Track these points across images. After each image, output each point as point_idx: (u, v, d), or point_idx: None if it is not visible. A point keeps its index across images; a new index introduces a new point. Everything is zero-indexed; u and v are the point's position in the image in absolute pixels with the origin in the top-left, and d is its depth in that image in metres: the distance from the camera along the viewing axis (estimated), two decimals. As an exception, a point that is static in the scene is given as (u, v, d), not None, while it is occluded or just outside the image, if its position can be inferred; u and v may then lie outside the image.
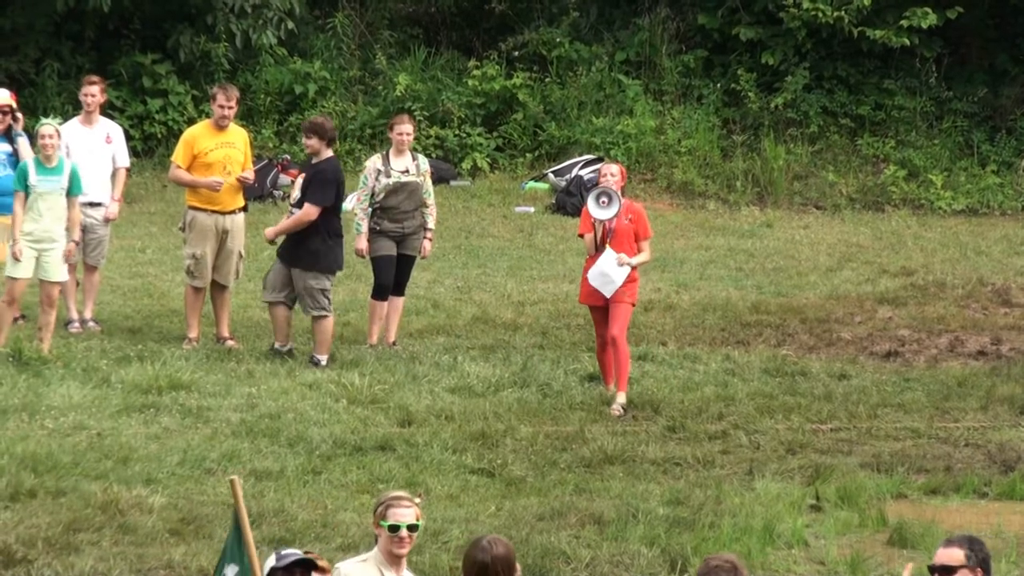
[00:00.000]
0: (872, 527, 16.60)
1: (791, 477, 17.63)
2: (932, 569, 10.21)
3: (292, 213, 20.18)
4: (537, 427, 18.54)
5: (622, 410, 18.71)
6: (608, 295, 19.06)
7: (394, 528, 10.81)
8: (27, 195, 19.64)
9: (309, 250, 20.04)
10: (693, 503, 16.76)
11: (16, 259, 19.69)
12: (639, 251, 18.99)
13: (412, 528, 10.86)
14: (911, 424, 19.28)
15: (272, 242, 20.78)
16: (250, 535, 10.86)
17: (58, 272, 19.85)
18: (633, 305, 19.33)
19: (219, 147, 20.63)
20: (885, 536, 16.42)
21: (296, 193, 20.35)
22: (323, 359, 20.08)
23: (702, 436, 18.63)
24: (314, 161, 20.24)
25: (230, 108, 20.97)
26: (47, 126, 20.09)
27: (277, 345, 20.37)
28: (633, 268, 18.99)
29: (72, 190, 19.82)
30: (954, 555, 10.08)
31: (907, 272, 25.91)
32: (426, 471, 17.28)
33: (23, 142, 20.86)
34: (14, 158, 20.18)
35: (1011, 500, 17.50)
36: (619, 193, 18.84)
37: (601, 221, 18.87)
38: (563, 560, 15.44)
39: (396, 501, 10.89)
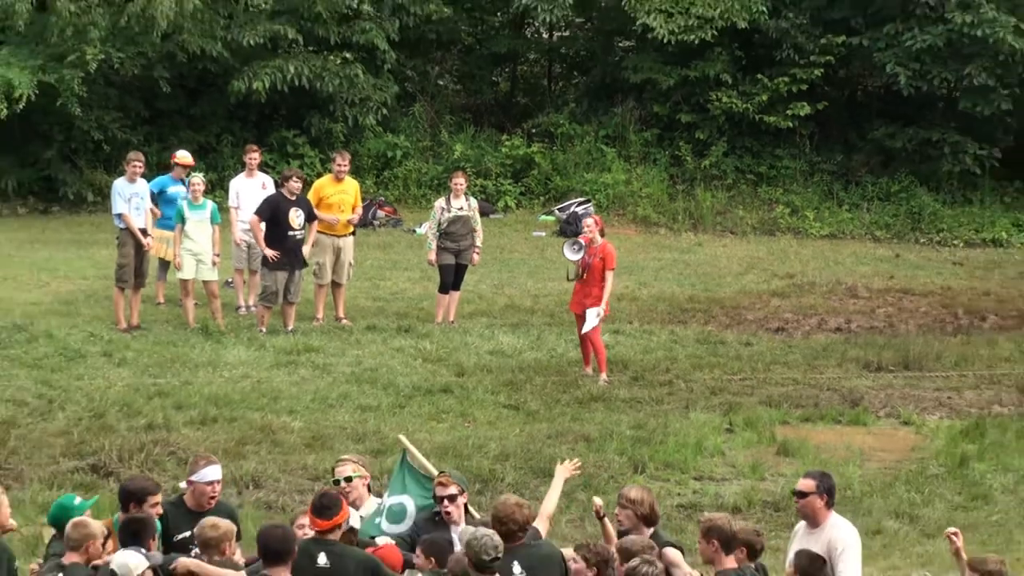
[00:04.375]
0: (766, 443, 16.64)
1: (713, 410, 17.67)
2: (793, 492, 10.16)
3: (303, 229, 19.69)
4: (547, 377, 18.58)
5: (606, 381, 18.44)
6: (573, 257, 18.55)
7: (335, 482, 10.32)
8: (183, 224, 19.72)
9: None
10: (649, 427, 16.81)
11: (178, 268, 19.81)
12: (604, 283, 18.33)
13: (348, 479, 10.27)
14: (792, 375, 19.29)
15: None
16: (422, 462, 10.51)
17: (211, 274, 19.83)
18: (602, 319, 18.62)
19: (336, 193, 20.63)
20: (775, 449, 16.47)
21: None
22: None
23: (655, 383, 18.67)
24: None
25: (345, 166, 21.02)
26: (196, 176, 20.33)
27: (292, 326, 19.93)
28: (604, 304, 18.40)
29: (212, 220, 19.89)
30: (808, 484, 9.92)
31: (790, 276, 25.95)
32: (473, 406, 17.35)
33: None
34: (188, 196, 20.17)
35: (856, 425, 17.56)
36: (586, 245, 18.58)
37: (571, 260, 18.75)
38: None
39: (340, 462, 10.49)
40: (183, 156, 21.64)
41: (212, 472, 10.06)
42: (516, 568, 8.96)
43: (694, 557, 10.32)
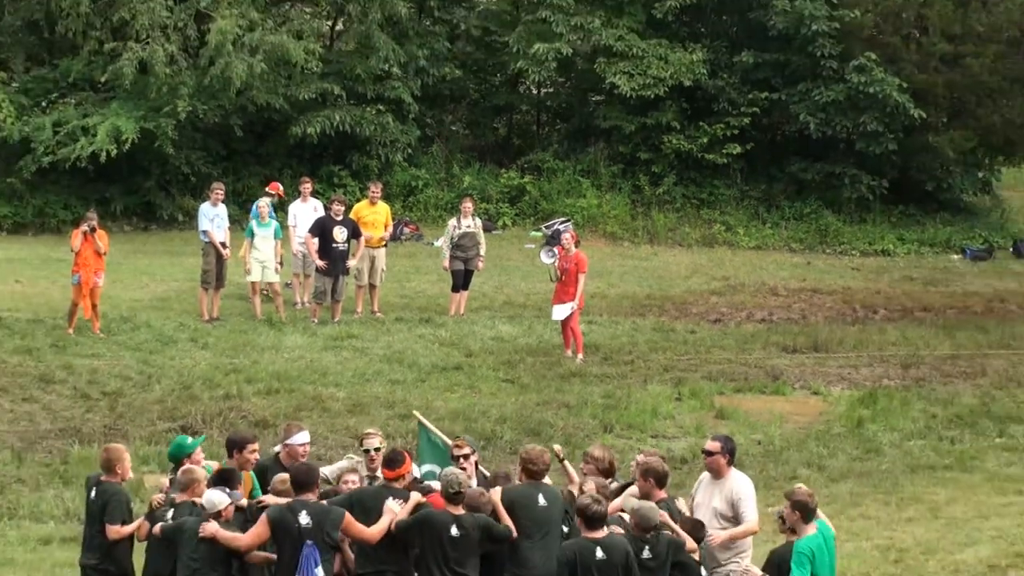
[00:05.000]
0: (707, 409, 16.68)
1: (666, 383, 17.69)
2: (703, 451, 10.09)
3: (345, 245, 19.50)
4: (536, 357, 18.59)
5: (582, 361, 18.45)
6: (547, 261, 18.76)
7: (366, 451, 9.92)
8: (252, 239, 19.74)
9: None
10: (616, 396, 16.84)
11: (248, 273, 19.80)
12: (578, 283, 18.28)
13: (376, 450, 9.81)
14: (727, 356, 19.32)
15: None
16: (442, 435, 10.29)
17: (274, 277, 19.88)
18: (579, 311, 18.69)
19: (371, 214, 20.62)
20: (714, 413, 16.52)
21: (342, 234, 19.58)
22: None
23: (620, 362, 18.68)
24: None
25: (378, 193, 21.04)
26: (263, 199, 20.43)
27: (339, 318, 19.79)
28: (578, 299, 18.35)
29: (275, 235, 19.89)
30: (714, 445, 9.83)
31: (725, 278, 25.94)
32: (479, 381, 17.36)
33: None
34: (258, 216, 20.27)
35: (777, 395, 17.62)
36: (556, 252, 18.69)
37: (546, 264, 18.83)
38: (549, 426, 15.53)
39: (367, 435, 10.15)
40: (280, 188, 21.94)
41: (302, 437, 10.09)
42: (540, 499, 9.01)
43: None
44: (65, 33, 27.55)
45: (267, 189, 22.11)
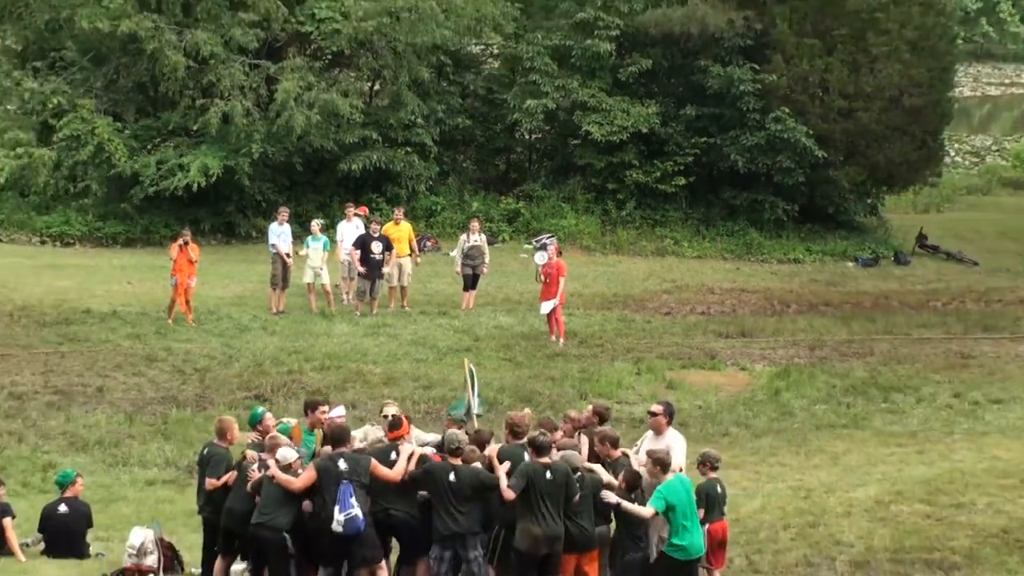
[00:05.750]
0: (660, 381, 16.65)
1: (628, 361, 17.66)
2: (648, 412, 10.06)
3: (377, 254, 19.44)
4: (528, 342, 18.55)
5: (564, 344, 18.34)
6: (540, 262, 18.50)
7: (385, 417, 9.63)
8: (307, 249, 19.59)
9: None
10: (590, 371, 16.81)
11: (305, 275, 19.67)
12: (559, 284, 18.18)
13: (393, 415, 9.42)
14: (676, 341, 19.28)
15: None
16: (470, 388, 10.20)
17: (326, 279, 19.70)
18: (561, 306, 18.63)
19: (396, 232, 20.54)
20: (665, 384, 16.46)
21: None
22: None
23: (593, 345, 18.65)
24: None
25: (400, 217, 21.01)
26: (315, 223, 20.26)
27: (376, 311, 19.63)
28: (560, 297, 18.25)
29: (324, 247, 19.79)
30: (658, 408, 9.77)
31: (673, 281, 25.81)
32: (484, 359, 17.29)
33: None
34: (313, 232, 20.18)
35: (713, 370, 17.56)
36: (547, 254, 18.69)
37: (537, 264, 18.76)
38: (538, 394, 15.49)
39: (385, 404, 10.13)
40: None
41: (339, 411, 10.21)
42: (525, 455, 9.01)
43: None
44: (166, 92, 27.57)
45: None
